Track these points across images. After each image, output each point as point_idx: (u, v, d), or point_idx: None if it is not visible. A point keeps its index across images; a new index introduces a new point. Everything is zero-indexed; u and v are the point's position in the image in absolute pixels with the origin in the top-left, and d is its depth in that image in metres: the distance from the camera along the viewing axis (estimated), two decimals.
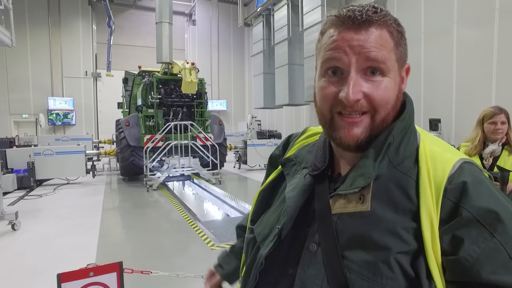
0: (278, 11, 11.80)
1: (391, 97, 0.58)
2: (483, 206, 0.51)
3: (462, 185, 0.53)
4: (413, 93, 6.49)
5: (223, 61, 18.35)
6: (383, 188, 0.56)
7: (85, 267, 1.31)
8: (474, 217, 0.50)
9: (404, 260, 0.52)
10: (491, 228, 0.49)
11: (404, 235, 0.53)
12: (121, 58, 16.19)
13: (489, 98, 6.80)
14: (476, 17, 7.00)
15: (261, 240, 0.67)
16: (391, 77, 0.58)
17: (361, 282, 0.53)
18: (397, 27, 0.59)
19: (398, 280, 0.51)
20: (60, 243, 4.16)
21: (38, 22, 14.70)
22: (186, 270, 2.51)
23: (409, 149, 0.59)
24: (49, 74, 15.08)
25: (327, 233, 0.58)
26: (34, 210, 5.74)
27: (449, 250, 0.51)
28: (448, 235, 0.51)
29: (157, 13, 8.81)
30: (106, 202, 6.45)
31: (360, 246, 0.55)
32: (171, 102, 8.70)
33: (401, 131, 0.60)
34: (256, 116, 15.66)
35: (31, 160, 7.64)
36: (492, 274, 0.48)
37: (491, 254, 0.48)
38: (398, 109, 0.62)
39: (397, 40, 0.59)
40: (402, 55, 0.61)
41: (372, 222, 0.55)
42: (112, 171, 10.20)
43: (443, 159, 0.57)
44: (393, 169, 0.57)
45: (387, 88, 0.57)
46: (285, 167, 0.73)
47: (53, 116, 14.99)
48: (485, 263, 0.48)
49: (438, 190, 0.53)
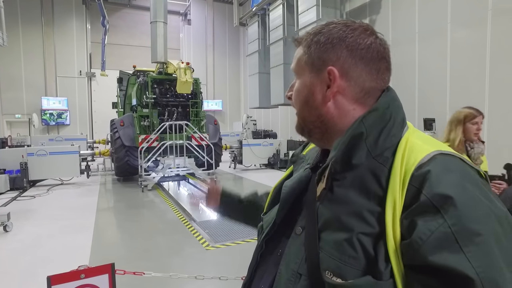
0: (273, 10, 11.80)
1: (297, 95, 0.71)
2: (439, 191, 0.52)
3: (426, 172, 0.55)
4: (407, 93, 6.56)
5: (218, 60, 18.30)
6: (359, 176, 0.61)
7: (76, 269, 1.29)
8: (430, 201, 0.52)
9: (366, 241, 0.55)
10: (444, 211, 0.50)
11: (368, 218, 0.56)
12: (116, 57, 16.08)
13: (482, 97, 6.87)
14: (469, 17, 7.06)
15: (266, 227, 0.76)
16: (301, 79, 0.70)
17: (329, 260, 0.58)
18: (313, 39, 0.68)
19: (360, 259, 0.55)
20: (53, 244, 4.11)
21: (31, 21, 14.53)
22: (180, 271, 2.50)
23: (390, 141, 0.62)
24: (42, 74, 14.92)
25: (309, 217, 0.64)
26: (27, 211, 5.68)
27: (405, 234, 0.53)
28: (407, 220, 0.53)
29: (152, 13, 8.76)
30: (101, 203, 6.40)
31: (331, 227, 0.60)
32: (166, 102, 8.66)
33: (376, 122, 0.62)
34: (252, 115, 15.64)
35: (24, 160, 7.56)
36: (436, 255, 0.49)
37: (440, 236, 0.49)
38: (342, 107, 0.67)
39: (306, 50, 0.68)
40: (312, 58, 0.67)
41: (343, 205, 0.60)
42: (106, 171, 10.12)
43: (419, 149, 0.59)
44: (371, 159, 0.61)
45: (295, 88, 0.72)
46: (295, 164, 0.83)
47: (46, 116, 14.85)
48: (432, 245, 0.49)
49: (406, 177, 0.56)
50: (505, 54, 6.45)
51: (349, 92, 0.65)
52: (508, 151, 6.45)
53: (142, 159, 7.52)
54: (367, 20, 9.60)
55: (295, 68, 0.71)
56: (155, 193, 7.23)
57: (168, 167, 7.81)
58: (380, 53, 0.65)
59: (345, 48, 0.64)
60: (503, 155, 6.59)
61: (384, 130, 0.62)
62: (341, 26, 0.65)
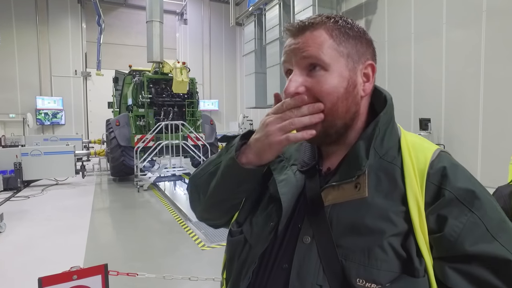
0: (269, 10, 11.80)
1: (334, 90, 0.61)
2: (462, 186, 0.57)
3: (443, 169, 0.59)
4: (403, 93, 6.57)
5: (214, 60, 18.27)
6: (372, 177, 0.60)
7: (68, 270, 1.28)
8: (455, 196, 0.56)
9: (395, 242, 0.56)
10: (470, 205, 0.56)
11: (395, 219, 0.57)
12: (112, 57, 15.99)
13: (477, 98, 6.92)
14: (464, 18, 7.11)
15: (252, 239, 0.67)
16: (334, 70, 0.61)
17: (357, 268, 0.56)
18: (336, 26, 0.62)
19: (392, 261, 0.55)
20: (47, 245, 4.07)
21: (25, 19, 14.40)
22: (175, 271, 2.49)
23: (392, 140, 0.64)
24: (37, 73, 14.79)
25: (320, 225, 0.60)
26: (21, 212, 5.63)
27: (435, 229, 0.56)
28: (433, 215, 0.56)
29: (148, 12, 8.72)
30: (96, 203, 6.36)
31: (355, 233, 0.58)
32: (162, 102, 8.62)
33: (385, 123, 0.64)
34: (248, 115, 15.64)
35: (18, 160, 7.49)
36: (474, 245, 0.54)
37: (471, 227, 0.54)
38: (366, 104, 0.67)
39: (339, 37, 0.62)
40: (351, 51, 0.63)
41: (365, 209, 0.58)
42: (102, 171, 10.06)
43: (423, 148, 0.63)
44: (379, 160, 0.62)
45: (327, 81, 0.60)
46: (272, 164, 0.72)
47: (41, 115, 14.72)
48: (467, 236, 0.54)
49: (422, 175, 0.59)
50: (500, 55, 6.50)
51: (370, 90, 0.66)
52: (503, 149, 6.50)
53: (138, 159, 7.48)
54: (363, 21, 9.63)
55: (323, 55, 0.60)
56: (151, 193, 7.20)
57: (164, 167, 7.78)
58: None
59: (371, 45, 0.66)
60: (498, 154, 6.64)
61: (388, 130, 0.64)
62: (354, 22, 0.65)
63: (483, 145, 6.88)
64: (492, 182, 6.95)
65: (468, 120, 7.13)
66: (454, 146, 7.44)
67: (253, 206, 0.73)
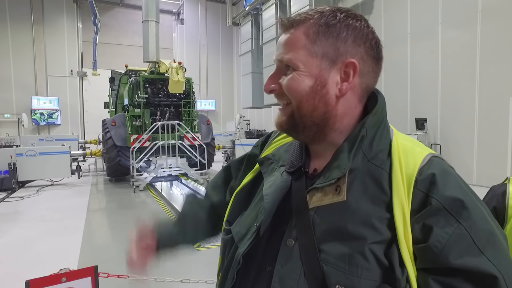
0: (266, 10, 11.79)
1: (300, 88, 0.61)
2: (450, 195, 0.54)
3: (432, 176, 0.56)
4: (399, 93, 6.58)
5: (211, 60, 18.24)
6: (358, 181, 0.59)
7: (57, 272, 1.26)
8: (442, 205, 0.53)
9: (378, 250, 0.54)
10: (457, 215, 0.53)
11: (378, 225, 0.55)
12: (108, 57, 15.92)
13: (473, 97, 6.94)
14: (459, 18, 7.14)
15: (239, 239, 0.67)
16: (304, 70, 0.61)
17: (337, 273, 0.54)
18: (318, 23, 0.61)
19: (373, 269, 0.53)
20: (41, 247, 4.04)
21: (20, 19, 14.29)
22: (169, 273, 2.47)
23: (383, 143, 0.62)
24: (32, 73, 14.69)
25: (304, 228, 0.59)
26: (15, 213, 5.58)
27: (419, 238, 0.53)
28: (419, 224, 0.54)
29: (144, 12, 8.68)
30: (92, 204, 6.32)
31: (336, 238, 0.56)
32: (158, 102, 8.59)
33: (374, 125, 0.62)
34: (245, 115, 15.63)
35: (12, 161, 7.42)
36: (459, 258, 0.51)
37: (457, 239, 0.52)
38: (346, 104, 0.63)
39: (315, 37, 0.61)
40: (327, 50, 0.60)
41: (348, 214, 0.56)
42: (98, 171, 10.01)
43: (414, 153, 0.60)
44: (367, 163, 0.60)
45: (293, 79, 0.61)
46: (262, 166, 0.74)
47: (37, 116, 14.63)
48: (452, 248, 0.51)
49: (410, 181, 0.56)
50: (495, 54, 6.53)
51: (358, 89, 0.63)
52: (499, 149, 6.53)
53: (134, 159, 7.44)
54: None
55: (292, 56, 0.61)
56: (147, 193, 7.17)
57: (160, 167, 7.75)
58: (381, 53, 0.65)
59: (362, 43, 0.61)
60: (493, 153, 6.67)
61: (378, 133, 0.62)
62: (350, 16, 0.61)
63: (479, 145, 6.91)
64: (488, 181, 7.03)
65: (464, 119, 7.16)
66: (450, 145, 7.47)
67: (244, 207, 0.73)
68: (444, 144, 7.54)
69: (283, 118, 0.65)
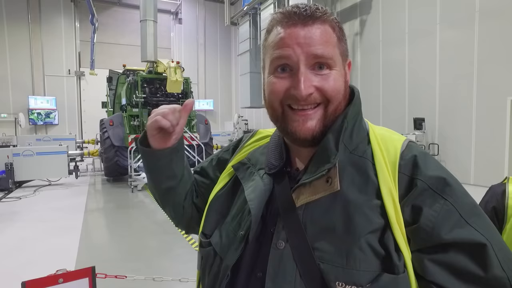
0: (264, 10, 11.79)
1: (340, 88, 0.61)
2: (433, 174, 0.56)
3: (414, 158, 0.58)
4: (397, 93, 6.59)
5: (209, 60, 18.21)
6: (344, 173, 0.58)
7: (53, 273, 1.25)
8: (427, 185, 0.55)
9: (373, 239, 0.54)
10: (442, 192, 0.54)
11: (370, 214, 0.55)
12: (105, 56, 15.86)
13: (471, 97, 6.97)
14: (457, 18, 7.16)
15: (222, 251, 0.64)
16: (337, 70, 0.60)
17: (336, 270, 0.53)
18: (338, 23, 0.62)
19: (370, 260, 0.53)
20: (38, 247, 4.01)
21: (16, 18, 14.20)
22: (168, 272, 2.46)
23: (361, 134, 0.63)
24: (29, 72, 14.61)
25: (294, 228, 0.57)
26: (12, 213, 5.55)
27: (410, 221, 0.54)
28: (408, 207, 0.55)
29: (142, 11, 8.66)
30: (89, 204, 6.30)
31: (330, 234, 0.55)
32: (156, 101, 8.56)
33: (353, 117, 0.63)
34: (243, 115, 15.61)
35: (9, 161, 7.39)
36: (450, 232, 0.52)
37: (446, 215, 0.53)
38: (347, 99, 0.65)
39: (339, 36, 0.61)
40: (344, 49, 0.63)
41: (339, 208, 0.56)
42: (96, 171, 9.98)
43: (392, 140, 0.62)
44: (349, 154, 0.60)
45: (335, 79, 0.60)
46: (239, 171, 0.71)
47: (34, 115, 14.56)
48: (443, 224, 0.53)
49: (394, 167, 0.57)
50: (492, 54, 6.55)
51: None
52: (496, 149, 6.56)
53: (132, 159, 7.43)
54: (357, 20, 9.66)
55: (332, 53, 0.59)
56: (145, 193, 7.15)
57: None
58: None
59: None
60: (491, 153, 6.70)
61: (356, 125, 0.63)
62: None
63: (477, 144, 6.94)
64: (485, 180, 7.05)
65: (462, 119, 7.18)
66: (448, 145, 7.50)
67: (221, 217, 0.70)
68: (442, 143, 7.56)
69: (313, 122, 0.59)
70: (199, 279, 0.72)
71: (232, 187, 0.73)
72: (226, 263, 0.62)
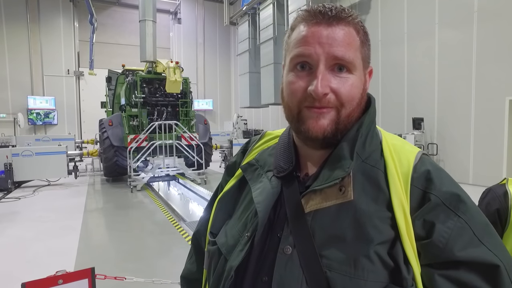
0: (263, 10, 11.80)
1: (356, 94, 0.59)
2: (447, 190, 0.56)
3: (427, 173, 0.57)
4: (396, 93, 6.61)
5: (209, 60, 18.21)
6: (356, 182, 0.57)
7: (53, 275, 1.25)
8: (441, 200, 0.54)
9: (382, 250, 0.53)
10: (456, 209, 0.54)
11: (381, 225, 0.54)
12: (104, 56, 15.85)
13: (469, 97, 6.98)
14: (456, 18, 7.17)
15: (227, 251, 0.64)
16: (357, 75, 0.59)
17: (343, 279, 0.52)
18: (363, 27, 0.60)
19: (379, 271, 0.52)
20: (37, 248, 4.01)
21: (15, 17, 14.19)
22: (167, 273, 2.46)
23: (374, 143, 0.62)
24: (28, 72, 14.59)
25: (302, 234, 0.57)
26: (11, 213, 5.55)
27: (422, 235, 0.54)
28: (420, 220, 0.54)
29: (141, 11, 8.65)
30: (88, 204, 6.29)
31: (339, 242, 0.54)
32: (155, 102, 8.57)
33: (367, 126, 0.62)
34: (242, 115, 15.62)
35: (8, 161, 7.38)
36: (463, 250, 0.52)
37: (459, 232, 0.53)
38: (363, 107, 0.63)
39: (363, 40, 0.60)
40: (366, 55, 0.61)
41: (349, 216, 0.55)
42: (95, 171, 9.97)
43: (405, 151, 0.61)
44: (361, 163, 0.59)
45: (353, 85, 0.58)
46: (246, 172, 0.70)
47: (33, 115, 14.54)
48: (456, 242, 0.52)
49: (406, 179, 0.57)
50: (491, 54, 6.56)
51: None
52: (495, 149, 6.57)
53: (131, 159, 7.42)
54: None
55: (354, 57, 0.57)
56: (144, 193, 7.15)
57: (157, 167, 7.73)
58: None
59: None
60: (489, 153, 6.71)
61: (370, 133, 0.62)
62: None
63: (475, 144, 6.95)
64: (484, 181, 7.07)
65: (460, 119, 7.19)
66: (447, 145, 7.51)
67: (228, 216, 0.70)
68: (441, 143, 7.58)
69: (326, 121, 0.58)
70: (206, 278, 0.72)
71: (239, 186, 0.71)
72: (230, 264, 0.62)
